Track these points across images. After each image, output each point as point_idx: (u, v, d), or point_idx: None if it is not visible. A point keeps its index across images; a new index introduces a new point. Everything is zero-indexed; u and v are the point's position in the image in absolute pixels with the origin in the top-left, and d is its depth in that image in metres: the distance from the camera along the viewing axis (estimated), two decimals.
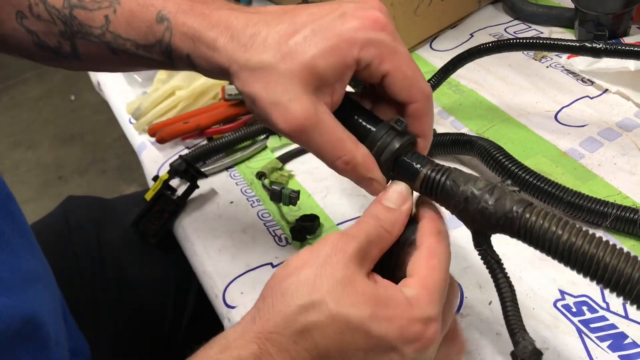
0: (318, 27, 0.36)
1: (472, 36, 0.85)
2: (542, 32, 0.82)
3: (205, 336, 0.74)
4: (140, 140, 0.81)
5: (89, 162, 2.46)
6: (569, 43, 0.60)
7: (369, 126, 0.39)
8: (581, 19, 0.76)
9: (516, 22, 0.86)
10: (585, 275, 0.33)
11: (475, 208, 0.36)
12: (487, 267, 0.39)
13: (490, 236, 0.38)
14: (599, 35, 0.60)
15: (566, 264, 0.34)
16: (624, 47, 0.58)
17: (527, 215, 0.34)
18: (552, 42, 0.61)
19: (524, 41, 0.63)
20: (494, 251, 0.39)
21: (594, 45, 0.59)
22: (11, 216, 0.47)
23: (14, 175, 2.55)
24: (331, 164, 0.38)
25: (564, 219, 0.34)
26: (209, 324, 0.77)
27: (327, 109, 0.38)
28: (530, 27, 0.84)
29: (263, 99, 0.37)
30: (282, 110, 0.36)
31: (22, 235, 0.48)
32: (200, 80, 0.82)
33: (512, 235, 0.36)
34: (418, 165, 0.38)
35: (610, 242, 0.33)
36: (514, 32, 0.84)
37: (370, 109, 0.41)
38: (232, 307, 0.57)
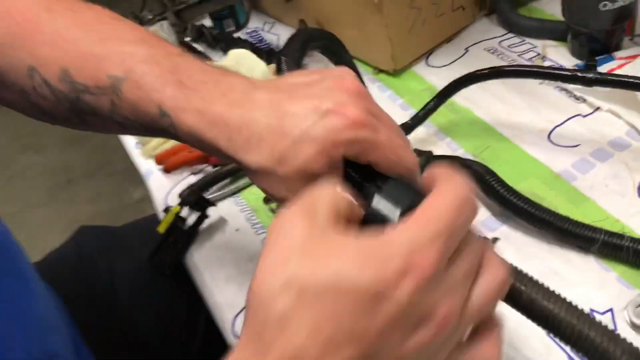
0: (305, 130, 0.38)
1: (467, 51, 0.87)
2: (535, 46, 0.84)
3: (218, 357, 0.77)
4: (147, 167, 0.84)
5: (96, 165, 2.49)
6: (562, 72, 0.63)
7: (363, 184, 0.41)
8: (574, 33, 0.78)
9: (510, 35, 0.87)
10: (556, 336, 0.36)
11: None
12: None
13: None
14: (590, 64, 0.61)
15: (542, 326, 0.36)
16: (614, 77, 0.60)
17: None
18: (545, 70, 0.63)
19: (519, 69, 0.65)
20: None
21: (585, 75, 0.61)
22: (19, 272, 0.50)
23: (24, 179, 2.59)
24: None
25: (540, 284, 0.36)
26: (218, 349, 0.80)
27: None
28: (524, 40, 0.85)
29: (273, 194, 0.42)
30: None
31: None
32: None
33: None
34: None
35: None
36: (508, 46, 0.85)
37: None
38: None
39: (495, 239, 0.39)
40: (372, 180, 0.39)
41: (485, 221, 0.63)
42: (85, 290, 0.71)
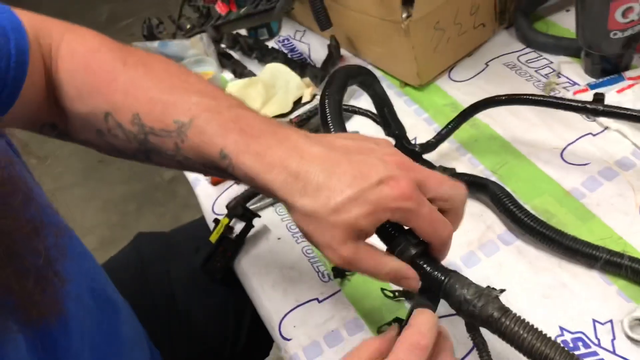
0: (360, 191, 0.44)
1: (487, 65, 0.93)
2: (552, 62, 0.90)
3: (259, 354, 0.88)
4: (194, 176, 0.92)
5: None
6: (572, 103, 0.69)
7: (395, 237, 0.49)
8: (587, 52, 0.84)
9: (528, 50, 0.93)
10: None
11: (466, 309, 0.47)
12: (476, 347, 0.50)
13: (478, 326, 0.49)
14: (598, 98, 0.68)
15: (528, 359, 0.45)
16: (618, 110, 0.66)
17: (503, 320, 0.45)
18: (557, 101, 0.70)
19: (534, 98, 0.72)
20: (481, 335, 0.50)
21: (593, 107, 0.67)
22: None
23: (57, 159, 2.69)
24: (377, 277, 0.48)
25: (530, 325, 0.45)
26: (260, 346, 0.90)
27: (366, 243, 0.47)
28: (541, 55, 0.92)
29: (316, 240, 0.47)
30: (333, 251, 0.46)
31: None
32: None
33: (493, 332, 0.47)
34: (428, 268, 0.49)
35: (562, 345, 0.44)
36: (526, 61, 0.92)
37: None
38: (288, 340, 0.69)
39: (502, 290, 0.47)
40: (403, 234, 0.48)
41: (501, 235, 0.71)
42: (148, 293, 0.80)
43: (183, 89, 0.54)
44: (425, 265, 0.49)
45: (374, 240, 0.49)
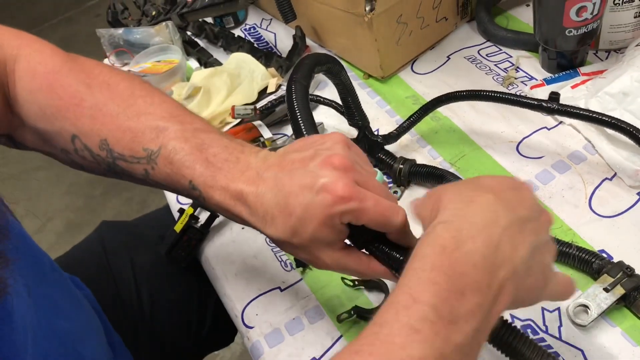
0: (306, 207, 0.46)
1: (449, 59, 0.95)
2: (511, 56, 0.92)
3: (223, 341, 0.89)
4: None
5: None
6: (529, 101, 0.72)
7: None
8: (544, 47, 0.86)
9: (488, 44, 0.96)
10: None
11: None
12: None
13: None
14: (553, 97, 0.70)
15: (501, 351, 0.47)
16: (572, 109, 0.69)
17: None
18: (515, 98, 0.72)
19: (493, 95, 0.74)
20: None
21: (549, 105, 0.70)
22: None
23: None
24: (362, 276, 0.51)
25: (509, 323, 0.47)
26: (223, 333, 0.91)
27: (343, 249, 0.50)
28: (500, 49, 0.94)
29: (298, 257, 0.51)
30: (314, 263, 0.50)
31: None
32: (210, 109, 0.92)
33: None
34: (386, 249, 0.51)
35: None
36: (486, 55, 0.94)
37: None
38: (251, 327, 0.70)
39: None
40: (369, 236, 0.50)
41: None
42: (113, 282, 0.81)
43: (150, 114, 0.55)
44: (382, 247, 0.51)
45: None
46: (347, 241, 0.51)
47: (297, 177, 0.47)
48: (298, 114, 0.57)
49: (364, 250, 0.52)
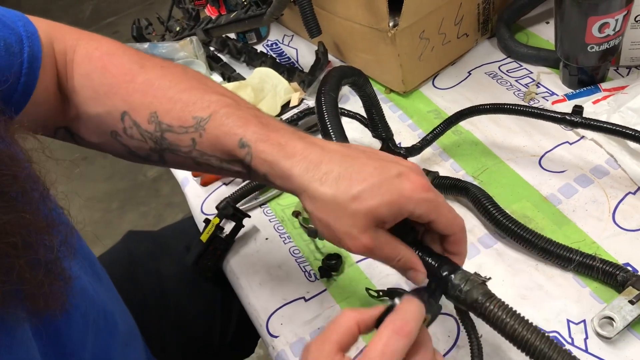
0: (382, 181, 0.46)
1: (470, 74, 0.97)
2: (531, 72, 0.93)
3: (245, 351, 0.90)
4: (183, 176, 0.94)
5: None
6: (553, 114, 0.72)
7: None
8: (565, 63, 0.87)
9: (509, 60, 0.97)
10: (522, 352, 0.48)
11: (453, 293, 0.50)
12: (465, 329, 0.54)
13: (465, 310, 0.52)
14: (577, 110, 0.71)
15: (510, 342, 0.48)
16: (596, 122, 0.70)
17: (487, 304, 0.49)
18: (539, 111, 0.73)
19: (517, 108, 0.75)
20: (470, 319, 0.53)
21: (572, 118, 0.71)
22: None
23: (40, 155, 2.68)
24: (389, 264, 0.50)
25: (513, 310, 0.48)
26: (247, 342, 0.92)
27: (384, 232, 0.49)
28: (521, 65, 0.95)
29: (336, 229, 0.47)
30: (353, 239, 0.47)
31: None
32: None
33: (477, 316, 0.50)
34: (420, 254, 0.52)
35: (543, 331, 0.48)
36: (507, 71, 0.95)
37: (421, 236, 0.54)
38: (275, 337, 0.71)
39: (488, 278, 0.50)
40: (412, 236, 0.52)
41: (482, 238, 0.74)
42: (139, 290, 0.82)
43: (202, 89, 0.56)
44: (418, 252, 0.52)
45: None
46: None
47: (375, 159, 0.48)
48: (328, 124, 0.58)
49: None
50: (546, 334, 0.47)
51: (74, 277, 0.46)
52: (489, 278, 0.51)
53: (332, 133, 0.57)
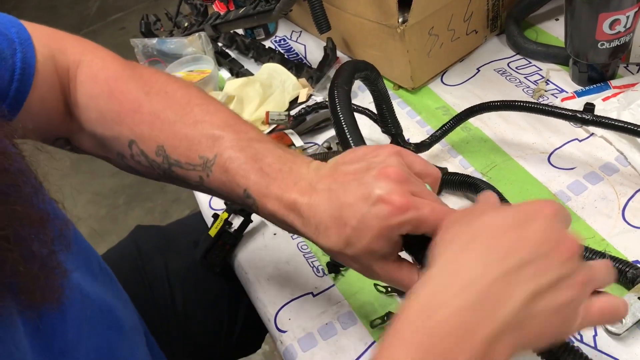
0: (360, 220, 0.47)
1: (479, 71, 0.96)
2: (540, 69, 0.93)
3: (252, 346, 0.90)
4: None
5: None
6: (564, 111, 0.72)
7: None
8: (575, 60, 0.87)
9: (518, 57, 0.96)
10: None
11: None
12: None
13: None
14: (588, 108, 0.71)
15: None
16: (608, 120, 0.70)
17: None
18: (549, 108, 0.73)
19: (527, 105, 0.75)
20: None
21: (583, 116, 0.71)
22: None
23: (45, 151, 2.69)
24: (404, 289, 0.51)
25: None
26: (253, 338, 0.93)
27: (395, 259, 0.50)
28: (530, 62, 0.95)
29: (354, 268, 0.51)
30: (370, 275, 0.51)
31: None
32: (244, 116, 0.94)
33: None
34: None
35: None
36: (516, 68, 0.95)
37: None
38: (284, 332, 0.71)
39: None
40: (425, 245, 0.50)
41: None
42: (148, 285, 0.82)
43: (207, 122, 0.56)
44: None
45: None
46: (404, 254, 0.52)
47: (351, 189, 0.48)
48: (342, 118, 0.58)
49: (415, 262, 0.52)
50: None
51: (69, 271, 0.46)
52: None
53: (345, 127, 0.57)
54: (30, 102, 0.56)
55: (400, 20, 0.86)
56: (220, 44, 1.16)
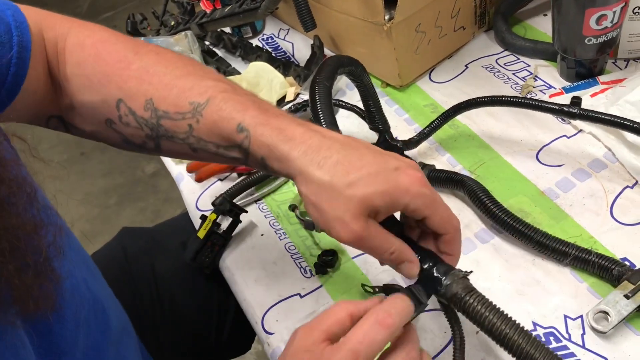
0: (379, 170, 0.46)
1: (467, 67, 0.96)
2: (529, 65, 0.92)
3: (241, 347, 0.89)
4: (178, 171, 0.93)
5: None
6: (551, 106, 0.72)
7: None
8: (562, 56, 0.87)
9: (506, 53, 0.96)
10: (501, 347, 0.47)
11: (433, 287, 0.50)
12: (448, 322, 0.53)
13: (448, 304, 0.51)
14: (575, 102, 0.70)
15: (489, 337, 0.48)
16: (594, 113, 0.69)
17: (467, 299, 0.48)
18: (537, 103, 0.73)
19: (514, 100, 0.75)
20: (456, 314, 0.52)
21: (571, 109, 0.70)
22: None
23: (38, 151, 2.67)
24: (381, 257, 0.49)
25: (493, 305, 0.48)
26: (242, 339, 0.92)
27: (375, 222, 0.48)
28: (518, 58, 0.94)
29: (328, 213, 0.47)
30: (344, 225, 0.46)
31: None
32: None
33: (457, 310, 0.50)
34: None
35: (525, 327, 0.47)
36: (504, 64, 0.94)
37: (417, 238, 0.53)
38: (271, 334, 0.70)
39: (469, 272, 0.50)
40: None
41: (478, 233, 0.74)
42: (134, 287, 0.82)
43: (198, 75, 0.55)
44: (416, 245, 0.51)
45: None
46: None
47: (373, 151, 0.48)
48: (320, 113, 0.57)
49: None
50: (525, 329, 0.47)
51: (64, 276, 0.45)
52: (471, 272, 0.50)
53: (323, 122, 0.57)
54: (26, 82, 0.55)
55: (386, 17, 0.86)
56: (207, 43, 1.15)
